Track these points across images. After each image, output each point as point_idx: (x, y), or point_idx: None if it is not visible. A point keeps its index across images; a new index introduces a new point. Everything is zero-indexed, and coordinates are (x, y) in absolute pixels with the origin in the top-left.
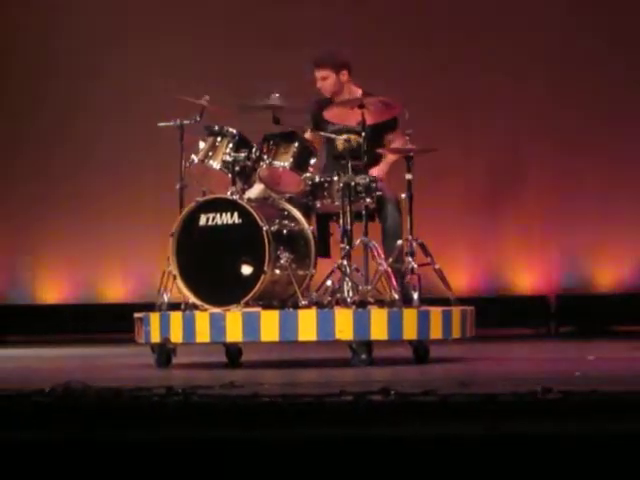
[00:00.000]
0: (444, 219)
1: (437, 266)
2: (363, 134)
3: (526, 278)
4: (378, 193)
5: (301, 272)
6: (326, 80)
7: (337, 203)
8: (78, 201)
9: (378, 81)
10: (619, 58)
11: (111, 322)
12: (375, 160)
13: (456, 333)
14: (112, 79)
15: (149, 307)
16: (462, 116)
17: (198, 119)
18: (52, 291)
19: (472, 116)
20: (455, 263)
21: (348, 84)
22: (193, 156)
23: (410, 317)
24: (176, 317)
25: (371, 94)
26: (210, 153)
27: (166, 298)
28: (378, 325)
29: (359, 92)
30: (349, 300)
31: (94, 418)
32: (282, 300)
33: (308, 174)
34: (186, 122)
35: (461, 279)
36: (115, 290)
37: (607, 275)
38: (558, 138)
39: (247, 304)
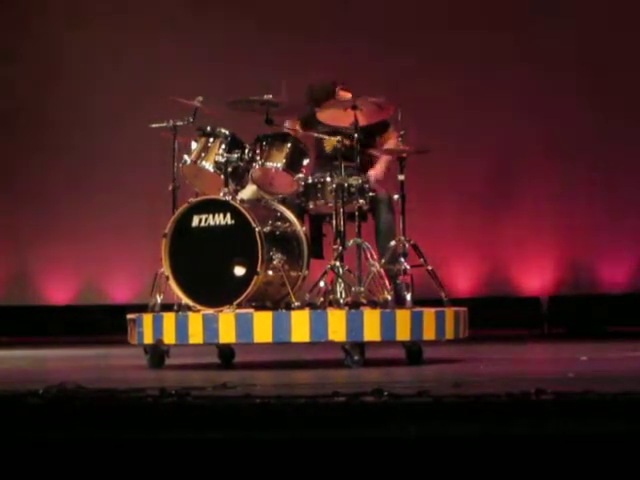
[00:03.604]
0: (438, 220)
1: (430, 267)
2: (356, 135)
3: (519, 279)
4: (371, 194)
5: (294, 273)
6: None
7: (330, 204)
8: (71, 203)
9: (371, 81)
10: (618, 66)
11: (104, 323)
12: (368, 162)
13: (449, 334)
14: (107, 81)
15: (142, 308)
16: (457, 117)
17: (191, 120)
18: (45, 292)
19: (467, 117)
20: (448, 264)
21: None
22: (185, 157)
23: (403, 318)
24: (169, 318)
25: (361, 95)
26: (203, 154)
27: (159, 299)
28: (371, 326)
29: (349, 96)
30: (342, 301)
31: (88, 419)
32: (275, 301)
33: (301, 175)
34: (179, 123)
35: (454, 280)
36: (108, 291)
37: (601, 277)
38: (554, 138)
39: (240, 305)
